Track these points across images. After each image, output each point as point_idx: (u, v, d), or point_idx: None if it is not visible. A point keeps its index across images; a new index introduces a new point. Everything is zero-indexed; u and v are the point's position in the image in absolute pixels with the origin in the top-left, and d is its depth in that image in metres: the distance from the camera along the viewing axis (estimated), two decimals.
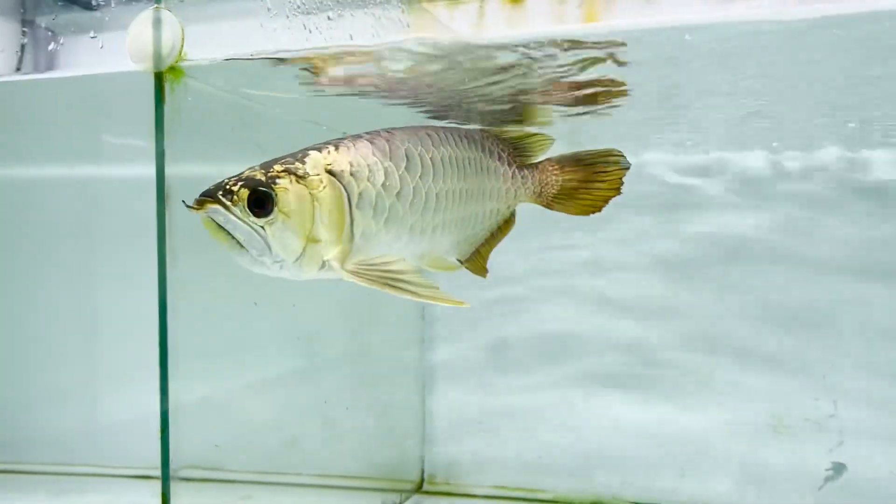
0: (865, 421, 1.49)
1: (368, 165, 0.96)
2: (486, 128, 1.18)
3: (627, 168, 1.14)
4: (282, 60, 1.08)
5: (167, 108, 0.91)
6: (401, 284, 0.93)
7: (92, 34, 1.24)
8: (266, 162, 0.92)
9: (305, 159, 0.92)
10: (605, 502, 1.62)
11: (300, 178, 0.90)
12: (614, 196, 1.15)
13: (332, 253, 0.92)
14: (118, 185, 1.86)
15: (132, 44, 0.92)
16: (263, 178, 0.88)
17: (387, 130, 1.03)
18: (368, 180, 0.95)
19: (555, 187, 1.16)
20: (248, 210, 0.86)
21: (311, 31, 1.10)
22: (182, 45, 0.92)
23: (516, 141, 1.16)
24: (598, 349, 1.65)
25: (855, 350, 1.50)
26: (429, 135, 1.06)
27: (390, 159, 0.98)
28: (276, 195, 0.87)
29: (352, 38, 1.08)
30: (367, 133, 1.01)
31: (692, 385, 1.60)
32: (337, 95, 1.21)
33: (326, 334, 1.56)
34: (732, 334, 1.57)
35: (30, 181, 1.93)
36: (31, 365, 1.95)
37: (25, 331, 1.95)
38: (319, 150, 0.95)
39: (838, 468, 1.50)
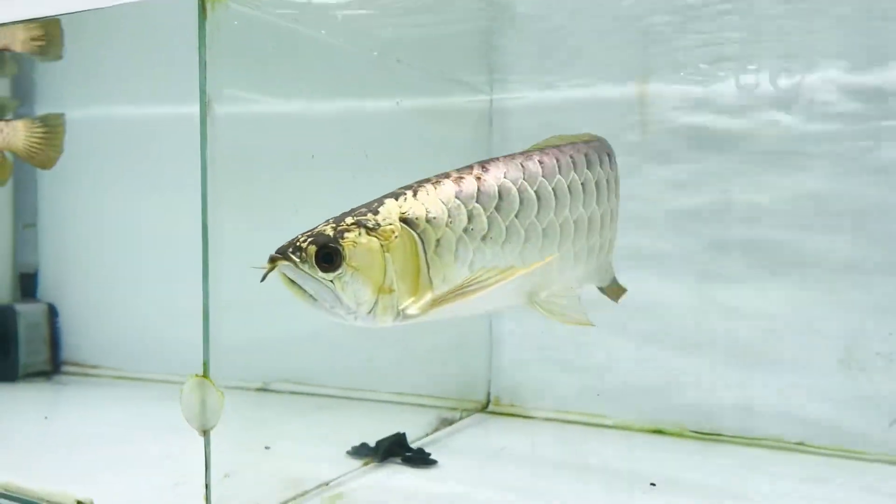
0: None
1: (449, 210, 0.93)
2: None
3: None
4: None
5: (209, 25, 1.00)
6: (478, 284, 0.93)
7: None
8: (344, 213, 0.93)
9: (380, 209, 0.91)
10: (665, 430, 1.63)
11: (370, 230, 0.89)
12: None
13: (407, 301, 0.91)
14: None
15: None
16: (332, 234, 0.88)
17: (483, 163, 0.98)
18: (448, 226, 0.93)
19: None
20: (315, 266, 0.87)
21: None
22: None
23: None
24: (660, 290, 1.64)
25: None
26: (541, 161, 1.00)
27: (477, 200, 0.95)
28: (344, 250, 0.87)
29: None
30: (460, 169, 0.98)
31: (755, 318, 1.56)
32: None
33: None
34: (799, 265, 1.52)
35: (143, 117, 2.11)
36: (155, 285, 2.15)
37: (143, 252, 2.16)
38: (396, 196, 0.93)
39: None
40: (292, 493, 1.19)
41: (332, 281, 0.87)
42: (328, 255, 0.87)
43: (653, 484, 1.28)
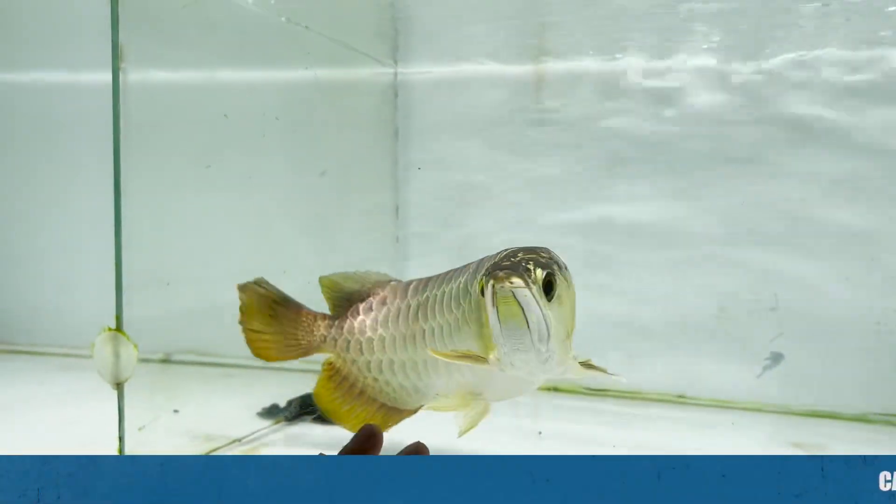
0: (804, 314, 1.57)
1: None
2: None
3: None
4: None
5: None
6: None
7: None
8: (513, 250, 0.85)
9: (552, 253, 0.86)
10: (561, 388, 1.73)
11: (561, 268, 0.85)
12: None
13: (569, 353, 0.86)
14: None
15: None
16: (543, 261, 0.82)
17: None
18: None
19: None
20: (542, 291, 0.80)
21: None
22: None
23: None
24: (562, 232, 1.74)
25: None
26: None
27: None
28: (557, 280, 0.82)
29: None
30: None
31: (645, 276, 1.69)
32: None
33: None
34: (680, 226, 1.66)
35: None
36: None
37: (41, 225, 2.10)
38: (546, 250, 0.88)
39: (776, 357, 1.58)
40: (204, 449, 1.22)
41: (548, 311, 0.80)
42: (549, 283, 0.81)
43: (540, 432, 1.38)
